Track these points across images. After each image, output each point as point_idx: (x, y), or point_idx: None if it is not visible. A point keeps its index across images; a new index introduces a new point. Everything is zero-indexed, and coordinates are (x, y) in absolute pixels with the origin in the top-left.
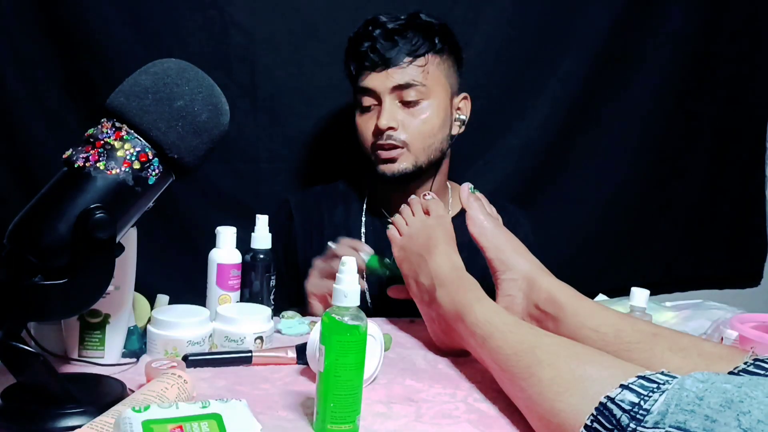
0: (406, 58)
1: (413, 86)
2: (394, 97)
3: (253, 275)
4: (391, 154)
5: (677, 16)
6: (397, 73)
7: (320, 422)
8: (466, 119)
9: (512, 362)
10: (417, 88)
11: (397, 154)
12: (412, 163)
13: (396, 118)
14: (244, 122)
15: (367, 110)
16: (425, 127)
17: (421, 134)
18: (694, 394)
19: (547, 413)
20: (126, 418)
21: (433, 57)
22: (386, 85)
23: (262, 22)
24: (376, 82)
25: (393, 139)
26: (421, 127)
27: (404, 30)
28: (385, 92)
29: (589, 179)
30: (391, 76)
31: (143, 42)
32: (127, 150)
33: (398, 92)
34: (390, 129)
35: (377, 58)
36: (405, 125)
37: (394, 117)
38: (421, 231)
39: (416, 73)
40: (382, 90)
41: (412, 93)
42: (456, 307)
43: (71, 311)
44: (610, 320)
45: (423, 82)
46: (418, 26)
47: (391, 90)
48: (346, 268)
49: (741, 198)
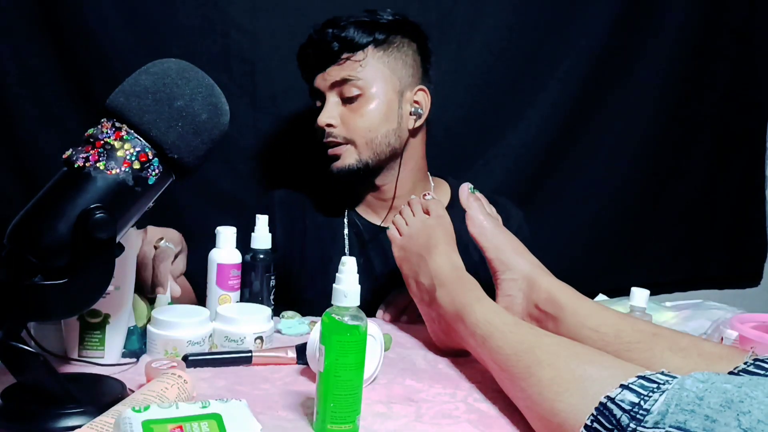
0: (344, 54)
1: (349, 81)
2: (335, 95)
3: (253, 275)
4: (336, 151)
5: (677, 16)
6: (334, 70)
7: (320, 422)
8: (423, 113)
9: (512, 362)
10: (354, 83)
11: (341, 150)
12: (356, 159)
13: (334, 115)
14: (244, 122)
15: (319, 110)
16: (364, 122)
17: (361, 129)
18: (694, 394)
19: (547, 413)
20: (126, 418)
21: (374, 50)
22: (326, 83)
23: (262, 22)
24: (319, 82)
25: (333, 136)
26: (360, 123)
27: (344, 28)
28: (325, 90)
29: (589, 179)
30: (329, 73)
31: (143, 42)
32: (127, 150)
33: (338, 89)
34: (329, 126)
35: (316, 58)
36: (345, 121)
37: (332, 114)
38: (421, 231)
39: (353, 68)
40: (324, 88)
41: (350, 89)
42: (456, 307)
43: (71, 311)
44: (610, 320)
45: (359, 76)
46: (361, 22)
47: (330, 87)
48: (346, 268)
49: (741, 198)
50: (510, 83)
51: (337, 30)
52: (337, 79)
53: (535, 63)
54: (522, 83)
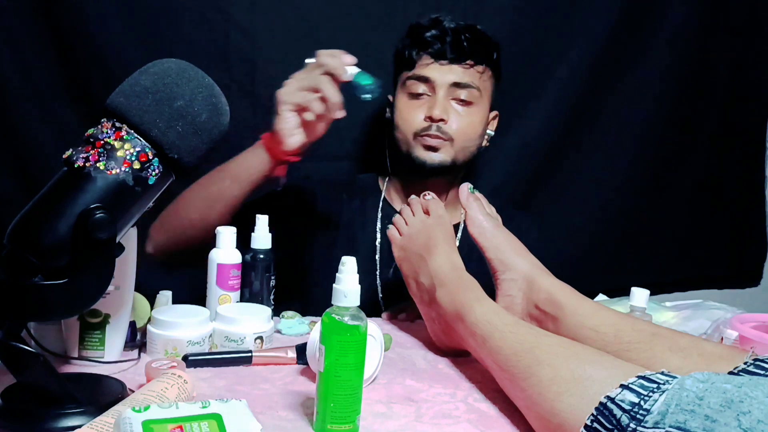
0: (469, 60)
1: (469, 88)
2: (447, 92)
3: (253, 275)
4: (435, 143)
5: (677, 16)
6: (459, 70)
7: (320, 422)
8: (492, 135)
9: (512, 362)
10: (472, 90)
11: (440, 144)
12: (451, 156)
13: (448, 112)
14: (244, 122)
15: (416, 97)
16: (470, 128)
17: (466, 134)
18: (694, 394)
19: (547, 413)
20: (126, 418)
21: (486, 69)
22: (446, 79)
23: (262, 22)
24: (436, 74)
25: (441, 131)
26: (467, 127)
27: (472, 34)
28: (443, 85)
29: (589, 179)
30: (454, 71)
31: (143, 42)
32: (127, 150)
33: (454, 89)
34: (441, 121)
35: (446, 49)
36: (454, 121)
37: (447, 110)
38: (421, 231)
39: (474, 77)
40: (441, 82)
41: (466, 93)
42: (456, 307)
43: (71, 311)
44: (610, 320)
45: (479, 86)
46: (481, 36)
47: (449, 85)
48: (346, 267)
49: (741, 198)
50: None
51: (471, 34)
52: (460, 81)
53: (536, 63)
54: (522, 83)
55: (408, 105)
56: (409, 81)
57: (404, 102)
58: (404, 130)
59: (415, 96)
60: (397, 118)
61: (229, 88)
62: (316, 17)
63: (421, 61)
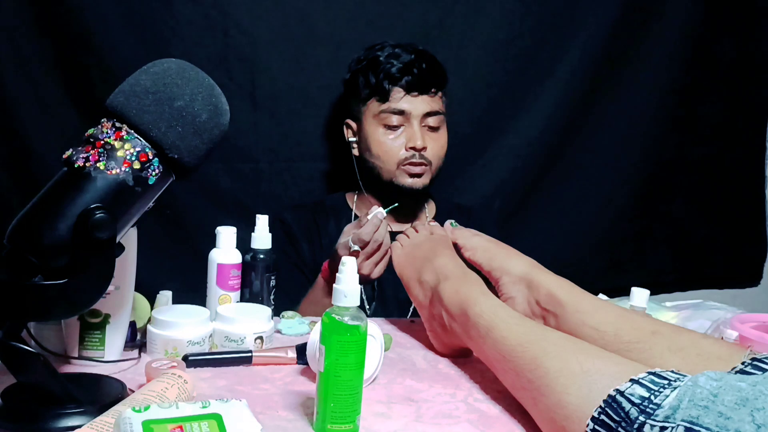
0: (433, 89)
1: (438, 114)
2: (420, 121)
3: (253, 275)
4: (418, 170)
5: (677, 16)
6: (429, 100)
7: (320, 422)
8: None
9: (518, 353)
10: (439, 116)
11: (422, 170)
12: (430, 178)
13: (425, 140)
14: (244, 122)
15: (393, 129)
16: (442, 150)
17: (439, 157)
18: (708, 392)
19: (554, 405)
20: (126, 418)
21: (443, 93)
22: (420, 110)
23: (262, 22)
24: (410, 106)
25: (423, 158)
26: (440, 150)
27: (428, 63)
28: (417, 116)
29: (589, 179)
30: (424, 101)
31: (143, 42)
32: (127, 150)
33: (425, 118)
34: (423, 149)
35: (417, 82)
36: (430, 147)
37: (424, 138)
38: (426, 242)
39: (439, 104)
40: (416, 113)
41: (435, 120)
42: (460, 299)
43: (71, 311)
44: (610, 318)
45: (444, 111)
46: (436, 63)
47: (423, 115)
48: (346, 268)
49: (741, 198)
50: (510, 83)
51: (428, 63)
52: (431, 110)
53: (536, 63)
54: (522, 83)
55: (387, 137)
56: (384, 114)
57: (382, 134)
58: (387, 161)
59: (392, 128)
60: (377, 150)
61: (229, 88)
62: (317, 17)
63: (393, 93)
